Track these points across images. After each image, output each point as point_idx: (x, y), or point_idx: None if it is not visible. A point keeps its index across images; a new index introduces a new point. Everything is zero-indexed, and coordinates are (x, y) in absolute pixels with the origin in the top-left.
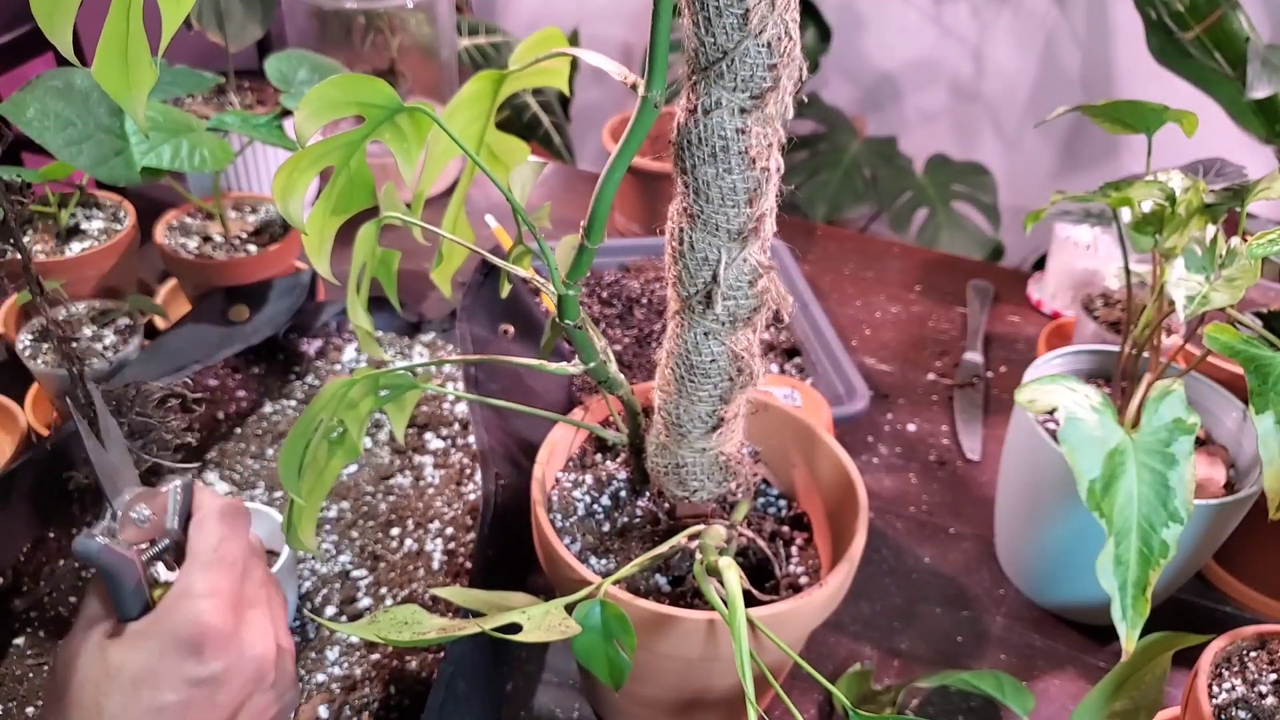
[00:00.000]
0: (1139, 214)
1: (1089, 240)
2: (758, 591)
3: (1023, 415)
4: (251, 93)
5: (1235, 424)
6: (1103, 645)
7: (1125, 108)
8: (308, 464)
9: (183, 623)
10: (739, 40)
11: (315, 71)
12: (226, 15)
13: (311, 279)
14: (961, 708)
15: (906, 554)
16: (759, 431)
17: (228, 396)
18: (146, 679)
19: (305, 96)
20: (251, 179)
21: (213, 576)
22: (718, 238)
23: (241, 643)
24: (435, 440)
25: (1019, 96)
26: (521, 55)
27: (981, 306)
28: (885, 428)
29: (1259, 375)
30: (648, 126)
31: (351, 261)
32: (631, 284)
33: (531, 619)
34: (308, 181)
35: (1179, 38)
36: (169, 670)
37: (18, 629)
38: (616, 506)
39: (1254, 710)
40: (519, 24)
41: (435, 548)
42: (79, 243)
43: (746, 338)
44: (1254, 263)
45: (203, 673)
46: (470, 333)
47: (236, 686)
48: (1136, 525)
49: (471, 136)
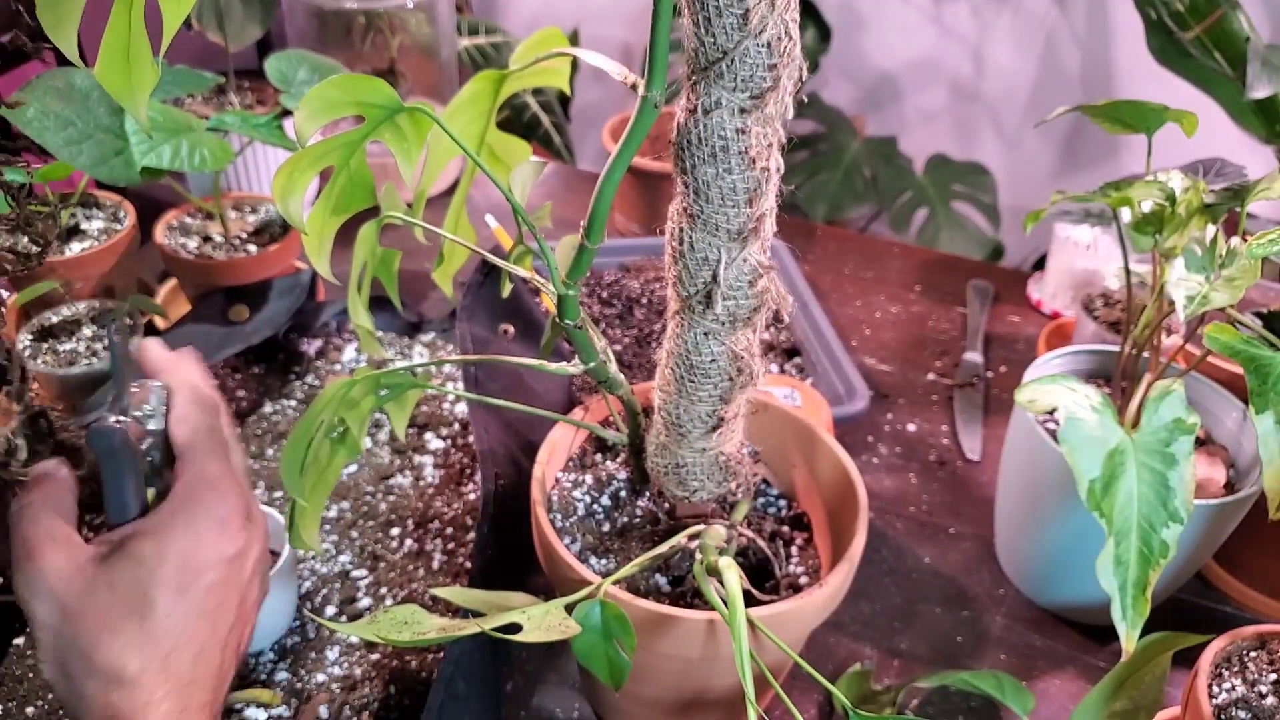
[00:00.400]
0: (1139, 214)
1: (1089, 240)
2: (758, 591)
3: (1023, 415)
4: (251, 93)
5: (1235, 424)
6: (1103, 645)
7: (1125, 108)
8: (309, 464)
9: (215, 504)
10: (739, 40)
11: (315, 71)
12: (226, 15)
13: (311, 279)
14: (961, 708)
15: (906, 554)
16: (759, 431)
17: (228, 396)
18: (190, 563)
19: (305, 96)
20: (251, 179)
21: (219, 459)
22: (718, 238)
23: (253, 516)
24: (435, 440)
25: (1019, 96)
26: (521, 55)
27: (981, 306)
28: (885, 428)
29: (1259, 375)
30: (648, 126)
31: (352, 261)
32: (631, 284)
33: (531, 619)
34: (308, 181)
35: (1179, 38)
36: (208, 551)
37: (18, 629)
38: (616, 506)
39: (1254, 710)
40: (519, 24)
41: (435, 548)
42: (79, 243)
43: (746, 338)
44: (1254, 263)
45: (234, 549)
46: (470, 333)
47: (255, 555)
48: (1136, 525)
49: (472, 136)
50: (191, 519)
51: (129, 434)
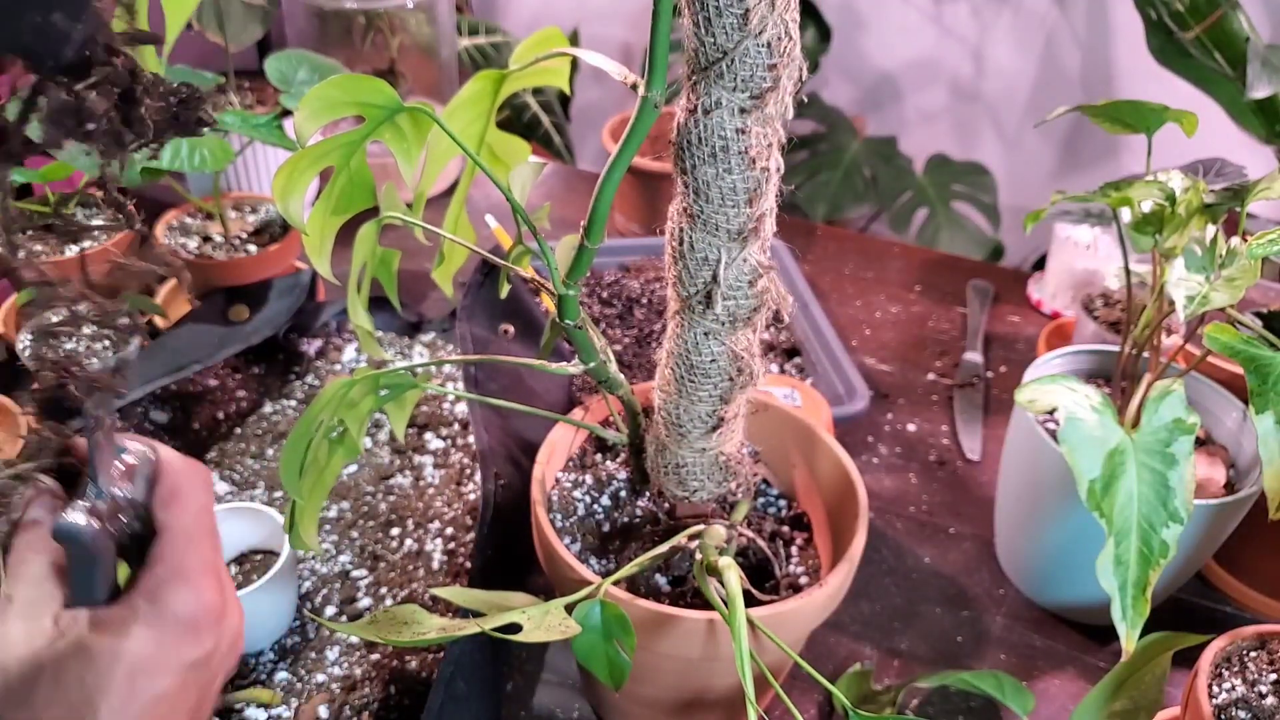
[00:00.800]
0: (1139, 214)
1: (1089, 240)
2: (758, 591)
3: (1023, 415)
4: (251, 93)
5: (1235, 424)
6: (1103, 645)
7: (1125, 108)
8: (309, 464)
9: (184, 604)
10: (739, 40)
11: (315, 71)
12: (226, 15)
13: (311, 279)
14: (961, 708)
15: (906, 554)
16: (759, 431)
17: (228, 396)
18: (145, 668)
19: (305, 96)
20: (251, 179)
21: (201, 551)
22: (718, 238)
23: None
24: (435, 440)
25: (1019, 96)
26: (521, 55)
27: (981, 306)
28: (885, 428)
29: (1259, 375)
30: (648, 126)
31: (352, 261)
32: (631, 284)
33: (531, 619)
34: (308, 181)
35: (1179, 38)
36: (169, 656)
37: None
38: (616, 506)
39: (1254, 710)
40: (519, 24)
41: (435, 548)
42: (79, 243)
43: (746, 338)
44: (1254, 263)
45: (198, 654)
46: (470, 333)
47: (221, 658)
48: (1136, 525)
49: (472, 136)
50: (158, 616)
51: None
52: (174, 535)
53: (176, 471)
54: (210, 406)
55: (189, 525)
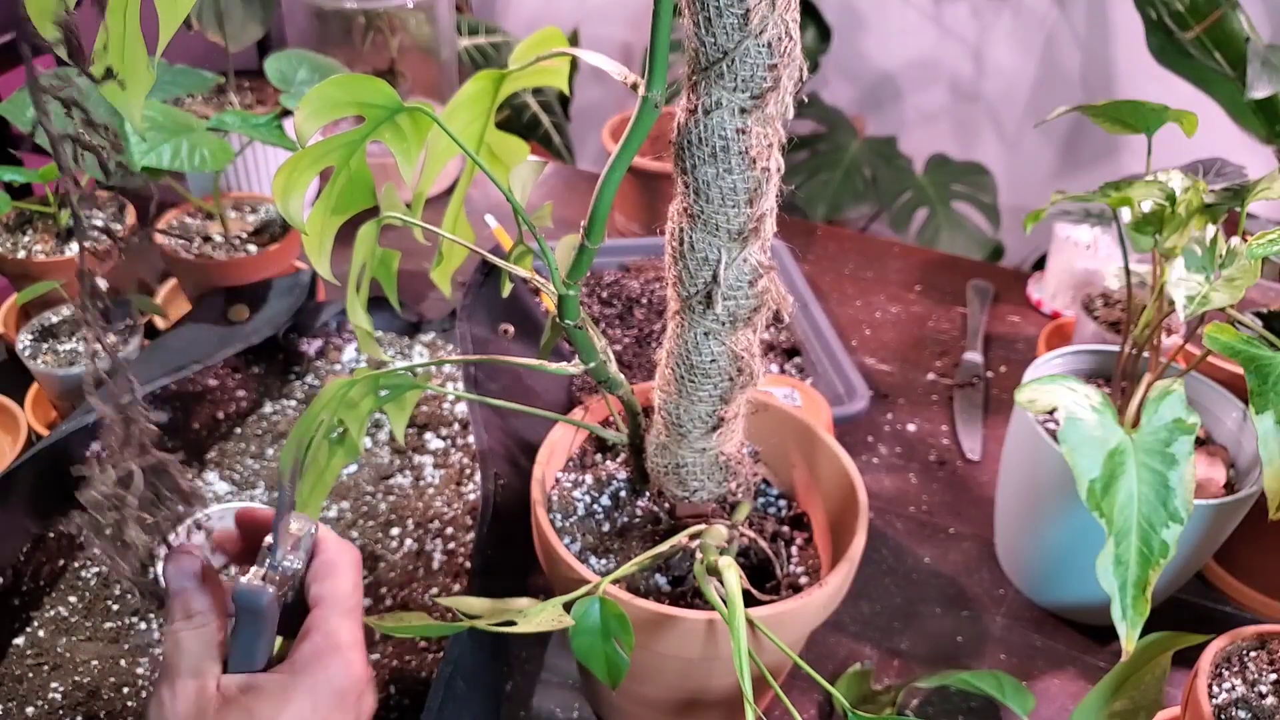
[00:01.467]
0: (1139, 214)
1: (1089, 240)
2: (758, 591)
3: (1023, 415)
4: (251, 93)
5: (1235, 424)
6: (1103, 645)
7: (1125, 108)
8: (308, 464)
9: (338, 675)
10: (739, 40)
11: (315, 71)
12: (226, 15)
13: (311, 279)
14: (961, 708)
15: (906, 554)
16: (759, 431)
17: (228, 396)
18: None
19: (305, 96)
20: (251, 179)
21: (353, 625)
22: (718, 238)
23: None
24: (435, 440)
25: (1019, 96)
26: (521, 55)
27: (981, 306)
28: (885, 428)
29: (1259, 375)
30: (648, 126)
31: (351, 261)
32: (631, 284)
33: (528, 616)
34: (308, 181)
35: (1179, 38)
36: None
37: (18, 629)
38: (616, 506)
39: (1254, 710)
40: (519, 24)
41: (435, 548)
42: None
43: (746, 338)
44: (1254, 263)
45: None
46: (470, 333)
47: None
48: (1136, 525)
49: (471, 136)
50: (313, 687)
51: (274, 599)
52: (330, 608)
53: (332, 547)
54: (210, 406)
55: (343, 599)
